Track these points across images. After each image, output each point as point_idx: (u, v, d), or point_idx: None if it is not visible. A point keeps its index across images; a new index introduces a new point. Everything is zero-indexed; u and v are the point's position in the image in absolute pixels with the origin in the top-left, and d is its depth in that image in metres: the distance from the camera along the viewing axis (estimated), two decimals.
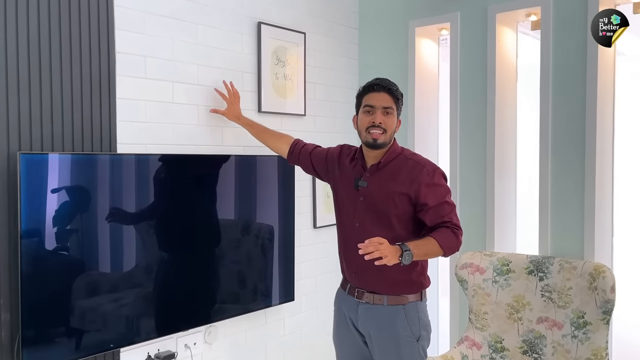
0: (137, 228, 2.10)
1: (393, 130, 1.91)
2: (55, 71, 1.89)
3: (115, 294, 2.03)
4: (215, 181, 2.36)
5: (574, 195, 2.47)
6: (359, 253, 1.68)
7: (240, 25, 2.52)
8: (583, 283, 2.30)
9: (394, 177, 1.88)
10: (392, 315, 1.90)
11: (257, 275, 2.52)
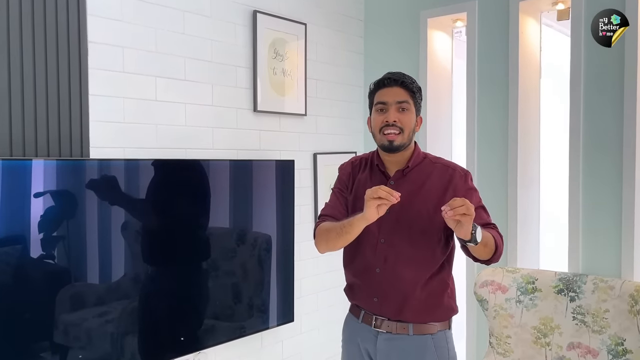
0: (117, 243, 1.82)
1: (411, 129, 1.63)
2: (15, 65, 1.61)
3: (90, 320, 1.75)
4: (207, 190, 2.08)
5: (609, 205, 2.20)
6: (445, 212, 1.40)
7: (233, 14, 2.24)
8: (622, 305, 2.03)
9: (424, 184, 1.64)
10: (420, 347, 1.64)
11: (253, 292, 2.26)
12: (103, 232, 1.78)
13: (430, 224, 1.60)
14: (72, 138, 1.74)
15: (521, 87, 2.43)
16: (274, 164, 2.31)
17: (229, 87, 2.23)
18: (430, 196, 1.62)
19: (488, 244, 1.56)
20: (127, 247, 1.85)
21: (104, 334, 1.79)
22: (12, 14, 1.60)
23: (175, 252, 1.99)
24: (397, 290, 1.64)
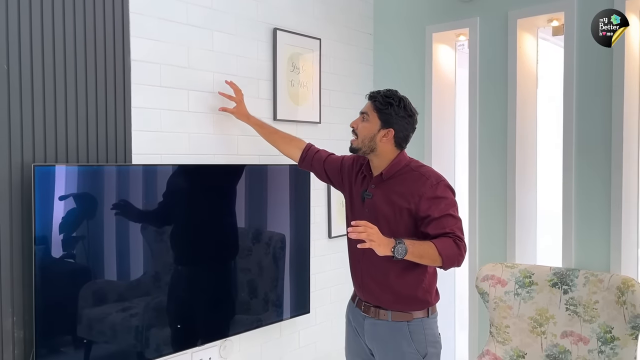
0: (152, 240, 2.04)
1: (369, 137, 1.84)
2: (70, 81, 1.83)
3: (130, 309, 1.97)
4: (232, 192, 2.30)
5: (599, 205, 2.41)
6: (347, 231, 1.67)
7: (255, 31, 2.46)
8: (610, 297, 2.23)
9: (397, 189, 1.83)
10: (396, 332, 1.86)
11: (268, 288, 2.46)
12: (145, 231, 2.00)
13: (397, 225, 1.80)
14: (117, 146, 1.96)
15: (519, 96, 2.63)
16: (287, 169, 2.51)
17: (252, 98, 2.44)
18: (400, 200, 1.80)
19: (424, 257, 1.71)
20: (162, 248, 2.07)
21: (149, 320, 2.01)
22: (67, 38, 1.83)
23: (205, 251, 2.20)
24: (374, 281, 1.87)
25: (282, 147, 2.25)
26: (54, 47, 1.79)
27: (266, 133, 2.29)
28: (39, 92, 1.76)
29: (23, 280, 1.73)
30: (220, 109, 2.27)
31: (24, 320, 1.74)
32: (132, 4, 2.00)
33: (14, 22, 1.70)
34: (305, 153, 2.18)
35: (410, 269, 1.82)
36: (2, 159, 1.68)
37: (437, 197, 1.78)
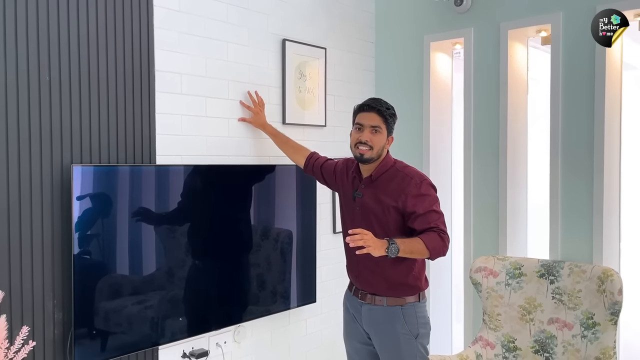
0: (174, 234, 2.25)
1: (381, 147, 2.05)
2: (102, 90, 2.05)
3: (155, 297, 2.18)
4: (245, 190, 2.51)
5: (583, 202, 2.61)
6: (346, 240, 1.85)
7: (266, 43, 2.67)
8: (592, 286, 2.43)
9: (385, 189, 2.03)
10: (391, 316, 2.06)
11: (279, 278, 2.66)
12: (169, 226, 2.21)
13: (386, 220, 2.01)
14: (143, 148, 2.18)
15: (510, 100, 2.83)
16: (295, 168, 2.71)
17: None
18: (387, 198, 2.01)
19: (414, 252, 1.93)
20: (183, 242, 2.28)
21: (173, 307, 2.22)
22: (100, 52, 2.04)
23: (221, 245, 2.41)
24: (369, 270, 2.07)
25: (291, 155, 2.52)
26: (88, 60, 2.01)
27: (279, 142, 2.55)
28: (75, 101, 1.97)
29: (62, 269, 1.95)
30: (240, 120, 2.52)
31: (63, 304, 1.95)
32: (156, 19, 2.22)
33: (54, 41, 1.92)
34: (308, 161, 2.43)
35: (401, 259, 1.99)
36: (46, 160, 1.90)
37: (421, 194, 1.99)
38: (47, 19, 1.90)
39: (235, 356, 2.55)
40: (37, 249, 1.89)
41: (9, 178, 1.82)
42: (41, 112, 1.89)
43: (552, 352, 2.52)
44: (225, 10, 2.48)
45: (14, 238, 1.83)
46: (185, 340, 2.31)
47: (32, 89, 1.87)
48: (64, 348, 1.95)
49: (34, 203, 1.88)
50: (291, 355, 2.84)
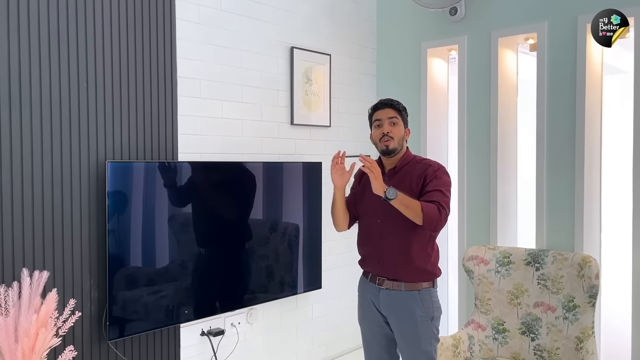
0: (195, 225, 2.51)
1: (401, 137, 2.24)
2: (132, 95, 2.31)
3: (177, 281, 2.44)
4: (257, 184, 2.76)
5: (566, 196, 2.84)
6: (359, 158, 2.05)
7: (276, 50, 2.93)
8: (573, 272, 2.67)
9: (408, 176, 2.24)
10: (409, 299, 2.23)
11: (287, 266, 2.91)
12: (194, 215, 2.47)
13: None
14: (166, 146, 2.43)
15: (500, 102, 3.06)
16: (301, 166, 2.96)
17: (273, 106, 2.91)
18: (411, 186, 2.20)
19: (409, 207, 2.06)
20: (204, 231, 2.53)
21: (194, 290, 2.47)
22: (130, 61, 2.30)
23: (237, 235, 2.67)
24: (391, 257, 2.21)
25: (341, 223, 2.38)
26: (120, 70, 2.27)
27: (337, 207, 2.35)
28: (109, 105, 2.23)
29: (98, 253, 2.21)
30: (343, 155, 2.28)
31: (98, 284, 2.21)
32: (178, 31, 2.47)
33: (91, 55, 2.18)
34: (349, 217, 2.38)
35: (420, 246, 2.19)
36: (84, 157, 2.16)
37: (436, 177, 2.19)
38: (84, 36, 2.16)
39: (247, 336, 2.81)
40: (77, 236, 2.15)
41: (52, 173, 2.08)
42: (80, 115, 2.15)
43: (538, 333, 2.76)
44: (238, 21, 2.73)
45: (57, 226, 2.09)
46: (204, 320, 2.57)
47: (73, 96, 2.13)
48: (99, 323, 2.21)
49: (74, 195, 2.14)
50: (298, 336, 3.10)
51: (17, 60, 1.98)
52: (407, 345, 2.25)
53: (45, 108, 2.05)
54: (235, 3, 2.72)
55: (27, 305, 1.86)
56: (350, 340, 3.39)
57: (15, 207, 1.98)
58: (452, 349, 2.72)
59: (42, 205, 2.05)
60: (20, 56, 1.98)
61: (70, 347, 1.87)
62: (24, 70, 2.00)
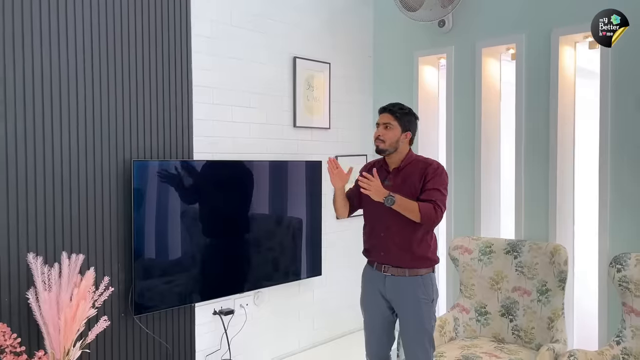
0: (209, 216, 2.83)
1: (394, 140, 2.43)
2: (153, 101, 2.64)
3: (192, 266, 2.76)
4: (266, 180, 3.08)
5: (542, 192, 3.15)
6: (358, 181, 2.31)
7: (280, 60, 3.25)
8: (545, 259, 2.97)
9: (411, 174, 2.47)
10: (413, 284, 2.43)
11: (291, 254, 3.23)
12: (208, 208, 2.80)
13: (411, 197, 2.42)
14: (183, 147, 2.76)
15: (484, 106, 3.36)
16: (304, 164, 3.27)
17: (277, 111, 3.23)
18: (413, 184, 2.46)
19: (407, 209, 2.31)
20: (217, 222, 2.86)
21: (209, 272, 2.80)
22: (151, 72, 2.63)
23: (245, 226, 2.99)
24: (396, 247, 2.41)
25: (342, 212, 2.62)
26: (143, 79, 2.60)
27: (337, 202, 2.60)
28: (133, 111, 2.57)
29: (124, 240, 2.54)
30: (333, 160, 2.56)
31: (124, 267, 2.54)
32: (194, 45, 2.80)
33: (119, 68, 2.51)
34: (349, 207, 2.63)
35: (421, 236, 2.40)
36: (112, 156, 2.49)
37: (435, 175, 2.40)
38: (113, 55, 2.49)
39: (255, 316, 3.14)
40: (107, 224, 2.48)
41: (86, 170, 2.41)
42: (109, 120, 2.48)
43: (515, 315, 3.06)
44: (246, 35, 3.06)
45: (90, 215, 2.43)
46: (216, 301, 2.90)
47: (103, 105, 2.46)
48: (126, 300, 2.54)
49: (104, 189, 2.47)
50: (300, 319, 3.42)
51: (66, 79, 2.31)
52: (410, 325, 2.47)
53: (80, 115, 2.39)
54: (244, 18, 3.05)
55: (66, 283, 2.20)
56: (347, 324, 3.71)
57: (56, 200, 2.32)
58: (439, 330, 3.02)
59: (78, 199, 2.39)
60: (69, 76, 2.32)
61: (105, 317, 2.21)
62: (72, 87, 2.33)
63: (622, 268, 2.66)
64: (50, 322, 2.15)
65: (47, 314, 2.15)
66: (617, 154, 2.88)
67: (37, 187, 2.26)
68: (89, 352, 2.33)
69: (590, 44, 3.09)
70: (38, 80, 2.25)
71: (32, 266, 2.15)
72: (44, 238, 2.28)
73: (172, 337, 2.72)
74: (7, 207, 2.17)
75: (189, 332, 2.81)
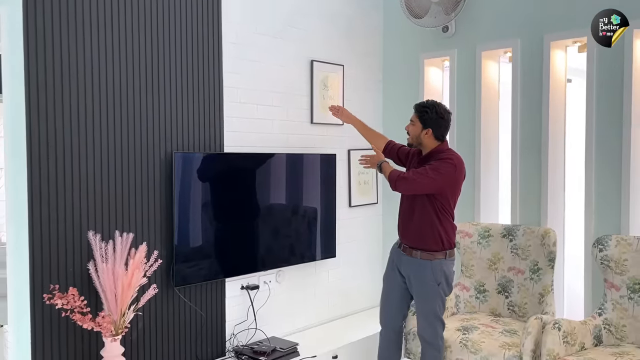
0: (237, 202, 3.20)
1: (416, 134, 2.79)
2: (190, 101, 3.02)
3: (223, 247, 3.14)
4: (286, 171, 3.46)
5: (535, 181, 3.49)
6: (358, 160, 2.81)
7: (299, 63, 3.61)
8: (537, 242, 3.31)
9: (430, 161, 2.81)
10: (422, 266, 2.79)
11: (308, 239, 3.60)
12: (236, 194, 3.17)
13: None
14: (216, 141, 3.14)
15: (483, 104, 3.71)
16: (319, 157, 3.63)
17: (296, 109, 3.60)
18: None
19: (385, 174, 2.79)
20: (246, 208, 3.23)
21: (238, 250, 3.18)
22: (190, 76, 3.01)
23: (269, 211, 3.37)
24: (417, 231, 2.78)
25: (372, 140, 3.22)
26: (181, 82, 2.97)
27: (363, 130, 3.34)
28: (174, 109, 2.94)
29: (167, 221, 2.91)
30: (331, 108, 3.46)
31: (166, 245, 2.92)
32: (224, 51, 3.17)
33: (161, 74, 2.89)
34: (386, 146, 3.16)
35: (437, 224, 2.74)
36: (157, 149, 2.87)
37: (437, 160, 2.72)
38: (159, 62, 2.87)
39: (277, 292, 3.51)
40: (152, 208, 2.86)
41: (135, 160, 2.79)
42: (154, 117, 2.86)
43: (510, 292, 3.41)
44: (269, 41, 3.43)
45: (138, 200, 2.81)
46: (243, 277, 3.27)
47: (148, 104, 2.84)
48: (168, 275, 2.93)
49: (150, 177, 2.85)
50: (316, 296, 3.79)
51: (118, 86, 2.70)
52: (419, 302, 2.87)
53: (130, 113, 2.77)
54: (267, 26, 3.42)
55: (119, 257, 2.58)
56: (359, 302, 4.08)
57: (111, 187, 2.70)
58: None
59: (128, 185, 2.77)
60: (128, 83, 2.70)
61: (154, 285, 2.60)
62: (123, 91, 2.71)
63: (604, 248, 3.00)
64: (108, 289, 2.53)
65: (105, 282, 2.53)
66: (602, 147, 3.22)
67: (95, 176, 2.64)
68: (141, 314, 2.72)
69: (579, 48, 3.43)
70: (103, 87, 2.63)
71: (92, 242, 2.54)
72: (101, 218, 2.67)
73: (206, 307, 3.11)
74: (71, 192, 2.56)
75: (220, 304, 3.19)
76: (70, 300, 2.38)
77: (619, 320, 2.95)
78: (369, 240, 4.18)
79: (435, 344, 2.87)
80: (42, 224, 2.47)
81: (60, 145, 2.51)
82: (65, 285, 2.50)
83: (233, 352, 3.16)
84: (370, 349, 3.48)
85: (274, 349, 3.12)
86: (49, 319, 2.49)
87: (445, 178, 2.70)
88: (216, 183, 3.08)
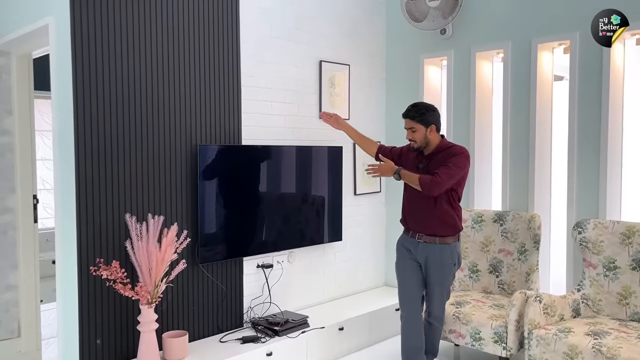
0: (254, 189, 3.57)
1: (422, 138, 2.98)
2: (213, 99, 3.38)
3: (240, 229, 3.51)
4: (297, 161, 3.81)
5: (523, 171, 3.83)
6: (364, 170, 3.04)
7: (309, 63, 3.96)
8: (524, 225, 3.66)
9: (439, 160, 3.02)
10: (441, 250, 3.02)
11: (316, 223, 3.96)
12: (254, 182, 3.54)
13: None
14: (234, 135, 3.50)
15: (478, 100, 4.04)
16: (327, 149, 3.98)
17: (306, 105, 3.95)
18: (442, 162, 2.91)
19: (411, 181, 2.94)
20: (262, 195, 3.59)
21: (254, 234, 3.54)
22: (211, 78, 3.37)
23: (281, 199, 3.73)
24: (429, 218, 2.98)
25: (365, 148, 3.48)
26: (205, 82, 3.34)
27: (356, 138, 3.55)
28: (197, 106, 3.31)
29: (192, 205, 3.28)
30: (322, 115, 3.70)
31: (191, 228, 3.28)
32: (242, 52, 3.52)
33: (187, 74, 3.25)
34: (378, 150, 3.37)
35: (448, 209, 2.96)
36: (184, 141, 3.24)
37: (453, 157, 2.92)
38: (185, 66, 3.23)
39: (289, 271, 3.88)
40: (179, 194, 3.23)
41: (165, 152, 3.16)
42: (181, 113, 3.23)
43: (501, 272, 3.76)
44: (282, 43, 3.78)
45: (168, 187, 3.18)
46: (259, 256, 3.65)
47: (177, 103, 3.21)
48: (193, 254, 3.30)
49: (177, 167, 3.22)
50: (325, 276, 4.16)
51: (151, 86, 3.06)
52: (436, 283, 3.08)
53: (161, 110, 3.14)
54: (280, 30, 3.77)
55: (152, 236, 2.95)
56: (361, 283, 4.45)
57: (144, 175, 3.07)
58: None
59: (159, 174, 3.14)
60: (159, 86, 3.06)
61: (184, 261, 2.97)
62: (154, 89, 3.08)
63: (583, 231, 3.35)
64: (143, 264, 2.91)
65: (140, 258, 2.91)
66: (583, 141, 3.55)
67: (131, 167, 3.01)
68: (172, 286, 3.10)
69: (565, 50, 3.75)
70: (139, 89, 3.00)
71: (129, 223, 2.91)
72: (136, 202, 3.04)
73: (227, 282, 3.49)
74: (111, 181, 2.93)
75: (239, 280, 3.57)
76: (114, 272, 2.76)
77: (595, 295, 3.29)
78: (372, 225, 4.54)
79: (443, 319, 3.27)
80: (87, 209, 2.84)
81: (102, 140, 2.89)
82: (107, 261, 2.88)
83: (250, 323, 3.55)
84: (373, 322, 3.85)
85: (287, 320, 3.50)
86: (93, 289, 2.87)
87: (464, 171, 2.98)
88: (234, 172, 3.45)
